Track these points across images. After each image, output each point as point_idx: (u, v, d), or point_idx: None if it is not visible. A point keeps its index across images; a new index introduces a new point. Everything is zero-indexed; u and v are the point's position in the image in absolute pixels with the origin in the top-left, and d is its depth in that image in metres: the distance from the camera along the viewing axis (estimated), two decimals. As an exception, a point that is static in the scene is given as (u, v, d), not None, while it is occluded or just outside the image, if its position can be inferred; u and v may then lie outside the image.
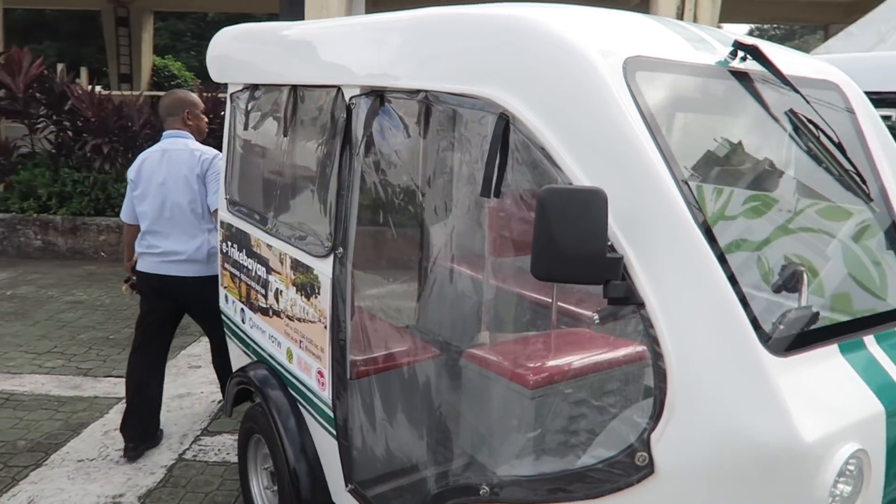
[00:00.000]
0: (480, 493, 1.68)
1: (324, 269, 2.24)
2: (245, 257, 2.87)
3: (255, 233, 2.77)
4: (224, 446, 3.78)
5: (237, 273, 2.99)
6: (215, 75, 3.22)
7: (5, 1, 9.31)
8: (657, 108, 1.54)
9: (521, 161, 1.65)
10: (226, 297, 3.18)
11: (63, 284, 6.94)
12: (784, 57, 1.95)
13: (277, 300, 2.61)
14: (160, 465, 3.55)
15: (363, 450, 2.28)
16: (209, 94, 8.10)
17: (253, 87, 2.87)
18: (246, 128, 2.92)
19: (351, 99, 2.09)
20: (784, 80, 1.76)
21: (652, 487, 1.40)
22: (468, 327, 2.59)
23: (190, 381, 4.64)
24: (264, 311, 2.74)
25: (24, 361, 4.86)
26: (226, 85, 3.13)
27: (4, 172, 8.13)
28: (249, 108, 2.87)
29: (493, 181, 1.63)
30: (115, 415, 4.10)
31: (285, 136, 2.57)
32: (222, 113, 7.77)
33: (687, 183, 1.49)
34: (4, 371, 4.67)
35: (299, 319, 2.45)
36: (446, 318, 2.48)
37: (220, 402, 4.33)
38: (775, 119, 1.81)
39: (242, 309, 2.97)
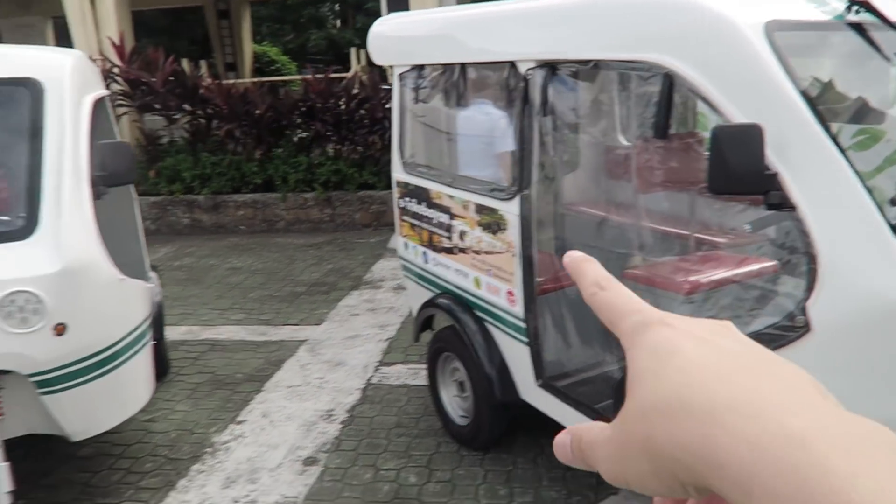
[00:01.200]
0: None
1: (510, 208, 2.82)
2: (426, 208, 3.50)
3: (434, 187, 3.39)
4: (401, 373, 4.50)
5: (417, 223, 3.63)
6: (377, 59, 3.82)
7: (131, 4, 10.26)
8: (794, 60, 2.01)
9: (682, 106, 2.16)
10: (405, 244, 3.83)
11: (217, 255, 7.90)
12: (894, 7, 2.34)
13: (462, 239, 3.23)
14: (354, 388, 4.31)
15: (551, 351, 2.89)
16: (322, 76, 8.80)
17: (420, 67, 3.45)
18: (416, 101, 3.52)
19: (527, 71, 2.64)
20: (893, 26, 2.17)
21: (809, 342, 1.92)
22: (622, 254, 3.13)
23: (355, 326, 5.40)
24: (448, 251, 3.37)
25: (213, 316, 5.77)
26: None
27: (152, 161, 9.17)
28: (418, 84, 3.47)
29: (663, 126, 2.15)
30: (304, 353, 4.91)
31: (458, 105, 3.15)
32: (337, 90, 8.48)
33: (821, 115, 1.97)
34: (203, 324, 5.59)
35: (486, 252, 3.05)
36: (606, 247, 3.02)
37: (386, 339, 5.07)
38: (887, 60, 2.23)
39: (424, 252, 3.62)
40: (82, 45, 9.60)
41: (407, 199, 3.69)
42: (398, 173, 3.75)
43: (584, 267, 0.44)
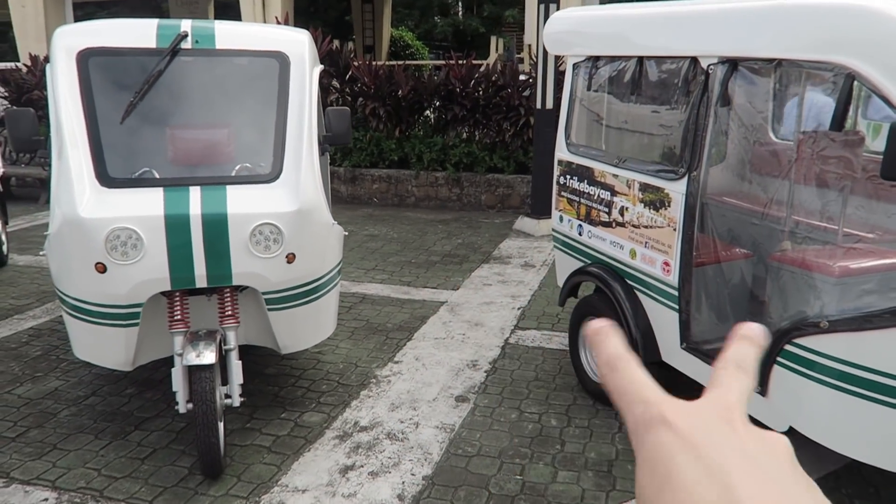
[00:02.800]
0: (821, 325, 2.56)
1: (677, 188, 3.18)
2: (586, 185, 3.90)
3: (598, 166, 3.78)
4: (536, 338, 4.93)
5: (575, 198, 4.03)
6: (552, 49, 4.24)
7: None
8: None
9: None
10: (560, 217, 4.25)
11: (355, 223, 8.59)
12: None
13: (622, 215, 3.61)
14: (495, 345, 4.78)
15: (699, 318, 3.23)
16: (464, 62, 9.30)
17: (595, 59, 3.84)
18: (589, 89, 3.91)
19: (709, 66, 2.98)
20: None
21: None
22: (773, 240, 3.41)
23: (489, 294, 5.88)
24: (606, 224, 3.76)
25: (359, 275, 6.41)
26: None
27: (301, 132, 10.00)
28: (592, 74, 3.86)
29: (840, 120, 2.45)
30: (445, 312, 5.43)
31: (632, 94, 3.52)
32: (477, 76, 8.95)
33: None
34: (351, 280, 6.23)
35: (646, 226, 3.42)
36: (760, 231, 3.32)
37: (519, 308, 5.52)
38: None
39: (580, 225, 4.02)
40: (249, 23, 10.59)
41: (567, 176, 4.10)
42: (562, 153, 4.16)
43: (600, 342, 0.44)
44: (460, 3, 27.15)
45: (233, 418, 3.78)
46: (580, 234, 4.04)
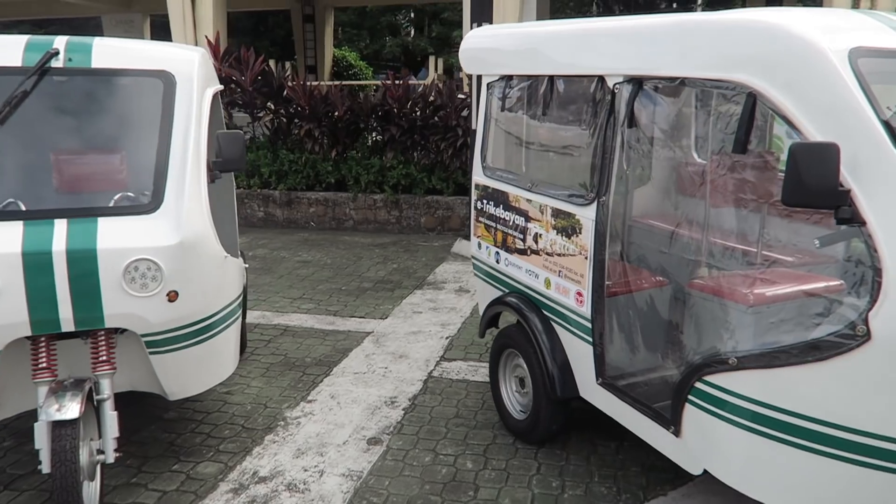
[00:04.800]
0: (729, 362, 2.37)
1: (586, 213, 2.99)
2: (502, 211, 3.70)
3: (513, 191, 3.58)
4: (461, 369, 4.69)
5: (492, 224, 3.83)
6: (468, 68, 4.06)
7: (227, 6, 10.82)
8: (875, 86, 2.12)
9: (759, 127, 2.30)
10: (479, 244, 4.03)
11: (288, 248, 8.27)
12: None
13: (536, 242, 3.41)
14: (417, 379, 4.52)
15: (615, 351, 3.03)
16: (401, 82, 9.11)
17: (508, 78, 3.66)
18: (502, 109, 3.72)
19: (615, 85, 2.81)
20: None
21: (869, 350, 2.03)
22: (689, 266, 3.25)
23: (418, 323, 5.63)
24: (521, 252, 3.56)
25: (284, 304, 6.09)
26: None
27: (234, 155, 9.65)
28: (506, 94, 3.67)
29: (743, 142, 2.29)
30: (369, 344, 5.15)
31: (544, 114, 3.34)
32: (414, 97, 8.78)
33: (897, 138, 2.07)
34: (275, 310, 5.91)
35: (559, 254, 3.22)
36: (673, 258, 3.15)
37: (447, 337, 5.28)
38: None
39: (497, 252, 3.81)
40: (180, 43, 10.23)
41: (484, 201, 3.89)
42: (478, 176, 3.96)
43: None
44: (411, 24, 27.17)
45: (118, 472, 3.43)
46: (497, 261, 3.83)
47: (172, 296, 2.97)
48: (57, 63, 3.10)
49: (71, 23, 16.88)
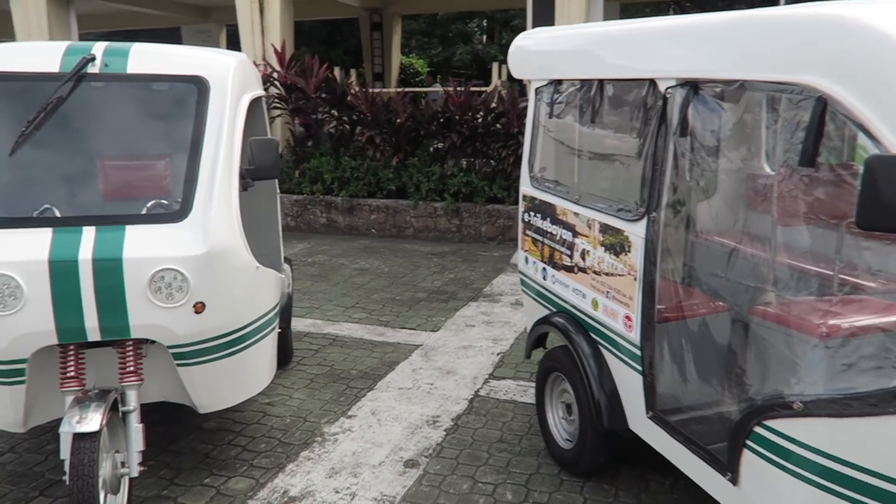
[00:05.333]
0: (794, 407, 2.07)
1: (635, 230, 2.73)
2: (549, 224, 3.46)
3: (560, 203, 3.35)
4: (510, 389, 4.46)
5: (539, 238, 3.59)
6: (516, 72, 3.84)
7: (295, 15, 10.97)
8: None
9: (833, 136, 1.99)
10: (526, 258, 3.81)
11: (348, 255, 8.24)
12: None
13: (584, 259, 3.16)
14: (462, 398, 4.33)
15: (666, 382, 2.75)
16: (462, 89, 8.96)
17: (556, 83, 3.43)
18: (551, 116, 3.49)
19: (667, 89, 2.54)
20: None
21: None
22: (751, 290, 2.92)
23: (469, 337, 5.43)
24: (568, 269, 3.31)
25: (336, 313, 6.02)
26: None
27: (298, 161, 9.74)
28: (554, 99, 3.44)
29: (812, 153, 1.99)
30: (417, 357, 4.99)
31: (593, 121, 3.10)
32: (476, 104, 8.61)
33: None
34: (326, 319, 5.84)
35: (607, 274, 2.97)
36: (734, 280, 2.84)
37: (499, 353, 5.06)
38: None
39: (544, 268, 3.58)
40: (249, 51, 10.42)
41: (532, 213, 3.67)
42: (525, 187, 3.73)
43: None
44: (482, 31, 27.05)
45: (150, 483, 3.39)
46: (544, 277, 3.59)
47: (199, 307, 2.89)
48: (93, 69, 3.08)
49: (153, 33, 17.61)
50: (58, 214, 3.04)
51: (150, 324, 2.86)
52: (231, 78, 3.24)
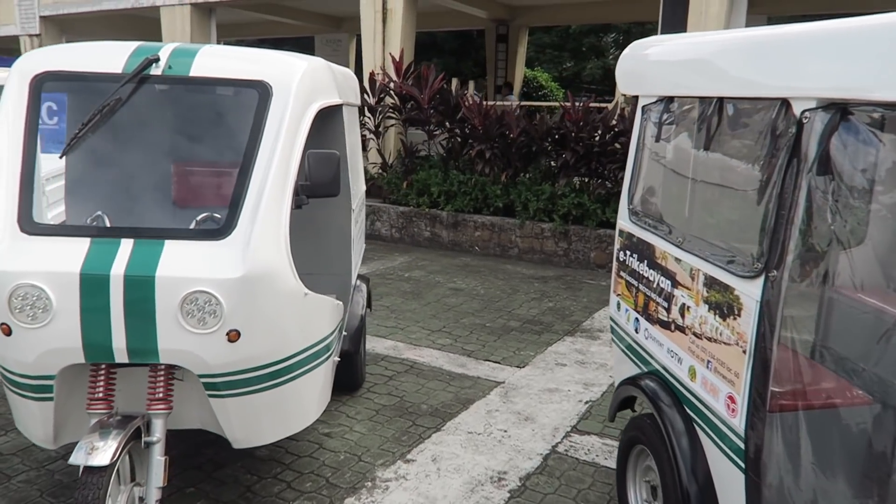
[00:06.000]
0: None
1: (749, 290, 2.13)
2: (646, 268, 2.90)
3: (660, 244, 2.78)
4: (593, 448, 3.89)
5: (634, 282, 3.03)
6: (625, 87, 3.31)
7: (416, 26, 10.86)
8: None
9: None
10: (618, 304, 3.25)
11: (446, 272, 7.90)
12: None
13: (683, 315, 2.58)
14: (536, 453, 3.81)
15: (777, 488, 2.13)
16: (580, 104, 8.39)
17: (668, 100, 2.87)
18: (658, 139, 2.94)
19: (803, 113, 1.95)
20: None
21: None
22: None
23: (557, 378, 4.89)
24: (664, 324, 2.74)
25: (420, 336, 5.66)
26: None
27: (408, 172, 9.55)
28: (663, 119, 2.88)
29: None
30: (496, 397, 4.52)
31: (706, 149, 2.52)
32: (594, 120, 8.01)
33: None
34: (409, 342, 5.50)
35: (710, 339, 2.38)
36: (886, 362, 2.17)
37: (588, 402, 4.48)
38: None
39: (637, 318, 3.01)
40: (370, 60, 10.40)
41: (628, 252, 3.11)
42: (623, 220, 3.19)
43: None
44: (616, 45, 26.10)
45: (183, 514, 3.16)
46: (636, 329, 3.02)
47: (233, 335, 2.60)
48: (155, 70, 2.89)
49: (288, 42, 18.30)
50: (107, 223, 2.88)
51: (180, 349, 2.61)
52: (297, 84, 2.95)
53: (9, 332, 2.54)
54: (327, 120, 3.71)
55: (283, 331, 2.83)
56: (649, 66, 3.07)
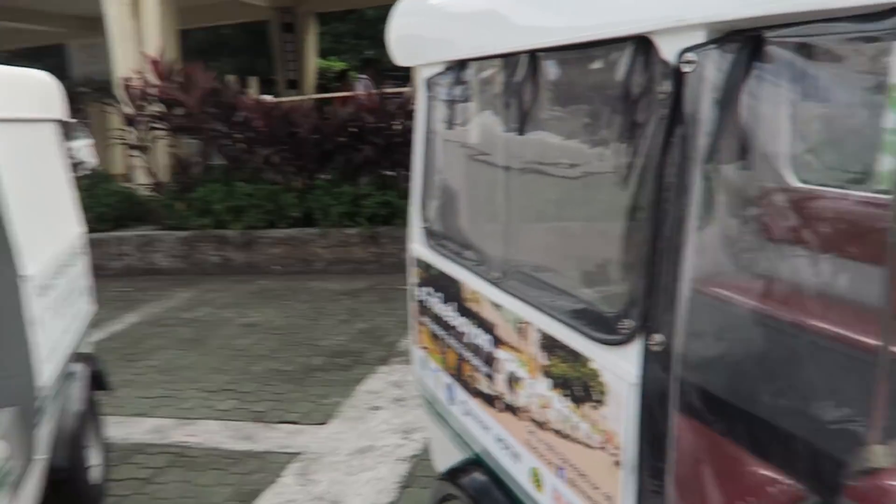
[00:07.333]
0: None
1: (615, 363, 1.26)
2: (453, 313, 1.97)
3: (469, 281, 1.86)
4: (420, 536, 2.96)
5: (440, 332, 2.10)
6: (402, 57, 2.35)
7: (182, 23, 9.35)
8: None
9: None
10: (422, 360, 2.31)
11: (238, 304, 6.63)
12: None
13: (512, 388, 1.68)
14: (344, 564, 2.80)
15: None
16: (375, 92, 7.50)
17: (459, 66, 1.95)
18: (451, 125, 2.01)
19: (683, 54, 1.09)
20: None
21: None
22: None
23: (371, 430, 3.91)
24: (487, 399, 1.82)
25: (196, 404, 4.39)
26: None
27: (185, 190, 8.05)
28: (455, 95, 1.96)
29: None
30: (291, 478, 3.44)
31: (521, 133, 1.62)
32: (392, 109, 7.15)
33: None
34: (179, 416, 4.21)
35: (559, 433, 1.49)
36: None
37: (409, 458, 3.55)
38: None
39: (449, 384, 2.08)
40: (122, 64, 8.65)
41: (427, 289, 2.17)
42: (417, 244, 2.24)
43: None
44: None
45: None
46: (451, 399, 2.10)
47: None
48: None
49: (36, 51, 15.50)
50: None
51: None
52: None
53: None
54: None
55: None
56: (431, 24, 2.14)
